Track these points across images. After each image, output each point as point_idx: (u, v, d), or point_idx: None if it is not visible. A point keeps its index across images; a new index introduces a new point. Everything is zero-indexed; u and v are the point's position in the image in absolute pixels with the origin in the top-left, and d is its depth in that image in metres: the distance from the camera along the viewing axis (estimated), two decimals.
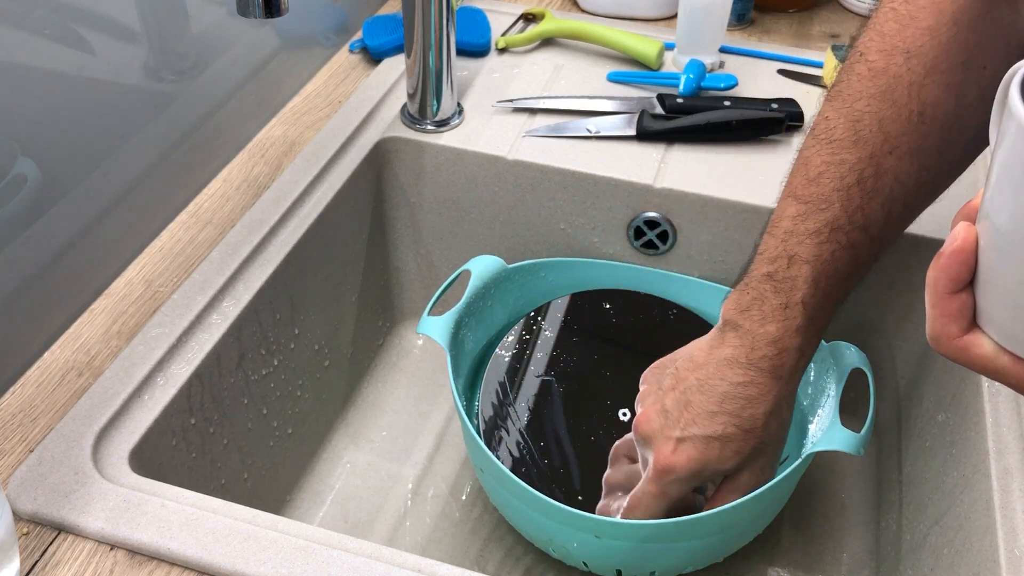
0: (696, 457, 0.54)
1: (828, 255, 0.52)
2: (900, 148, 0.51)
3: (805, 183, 0.53)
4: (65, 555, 0.48)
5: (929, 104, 0.50)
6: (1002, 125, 0.32)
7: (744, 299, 0.55)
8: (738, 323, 0.54)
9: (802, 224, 0.53)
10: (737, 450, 0.54)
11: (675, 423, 0.54)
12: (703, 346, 0.56)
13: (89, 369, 0.58)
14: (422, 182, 0.79)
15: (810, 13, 0.98)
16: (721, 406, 0.53)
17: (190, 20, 0.68)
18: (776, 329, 0.53)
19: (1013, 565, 0.48)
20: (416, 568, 0.47)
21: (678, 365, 0.57)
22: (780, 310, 0.53)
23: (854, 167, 0.52)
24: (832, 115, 0.53)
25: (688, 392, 0.55)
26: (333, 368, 0.77)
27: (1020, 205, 0.31)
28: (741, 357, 0.54)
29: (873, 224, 0.52)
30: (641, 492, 0.56)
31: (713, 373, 0.54)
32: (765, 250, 0.55)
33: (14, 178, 0.55)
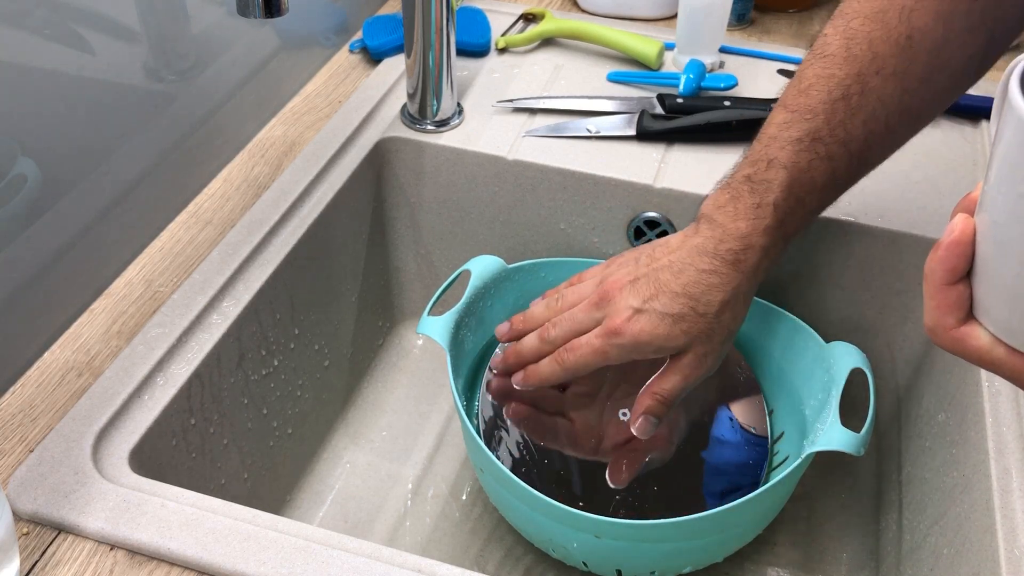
0: (647, 329, 0.57)
1: (805, 163, 0.55)
2: (886, 69, 0.54)
3: (796, 94, 0.57)
4: (65, 555, 0.48)
5: (918, 29, 0.53)
6: (1002, 118, 0.32)
7: (722, 197, 0.58)
8: (713, 217, 0.58)
9: (786, 131, 0.56)
10: (686, 330, 0.57)
11: (639, 295, 0.58)
12: (679, 235, 0.60)
13: (89, 369, 0.58)
14: (422, 182, 0.79)
15: (810, 13, 0.98)
16: (684, 288, 0.57)
17: (190, 20, 0.68)
18: (746, 226, 0.56)
19: (1013, 565, 0.48)
20: (416, 568, 0.47)
21: (655, 247, 0.60)
22: (752, 209, 0.56)
23: (842, 82, 0.54)
24: (830, 32, 0.56)
25: (659, 271, 0.58)
26: (333, 368, 0.77)
27: (1018, 198, 0.31)
28: (710, 247, 0.57)
29: (853, 140, 0.55)
30: (585, 341, 0.59)
31: (683, 258, 0.58)
32: (750, 154, 0.58)
33: (14, 178, 0.55)
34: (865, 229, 0.68)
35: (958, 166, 0.73)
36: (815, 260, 0.71)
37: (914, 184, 0.71)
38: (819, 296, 0.73)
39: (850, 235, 0.69)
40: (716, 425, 0.68)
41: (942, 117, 0.78)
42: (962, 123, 0.78)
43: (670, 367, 0.59)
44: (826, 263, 0.71)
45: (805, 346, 0.67)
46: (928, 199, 0.70)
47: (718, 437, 0.67)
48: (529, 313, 0.65)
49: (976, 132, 0.77)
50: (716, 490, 0.64)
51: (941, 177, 0.72)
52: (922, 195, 0.70)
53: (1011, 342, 0.34)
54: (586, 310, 0.60)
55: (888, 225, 0.68)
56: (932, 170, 0.73)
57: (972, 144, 0.76)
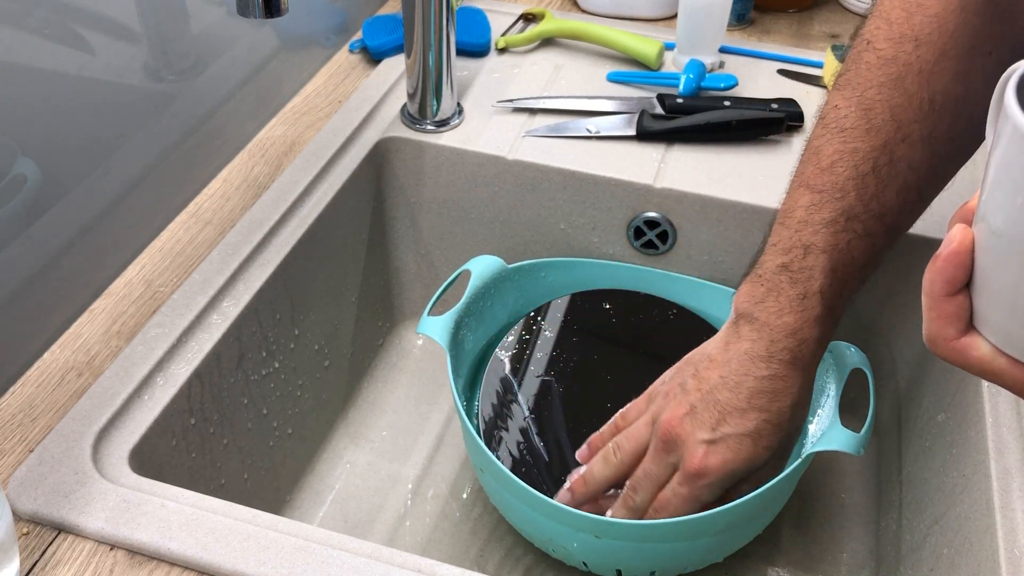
0: (731, 458, 0.53)
1: (844, 244, 0.52)
2: (912, 136, 0.51)
3: (818, 172, 0.53)
4: (65, 555, 0.48)
5: (939, 91, 0.50)
6: (998, 127, 0.32)
7: (758, 291, 0.54)
8: (754, 315, 0.54)
9: (817, 214, 0.52)
10: (768, 445, 0.54)
11: (704, 425, 0.53)
12: (719, 343, 0.55)
13: (89, 369, 0.58)
14: (422, 182, 0.79)
15: (810, 13, 0.98)
16: (750, 402, 0.53)
17: (190, 20, 0.68)
18: (794, 320, 0.52)
19: (1013, 565, 0.48)
20: (416, 568, 0.47)
21: (698, 367, 0.56)
22: (798, 301, 0.52)
23: (868, 155, 0.51)
24: (842, 104, 0.53)
25: (714, 391, 0.54)
26: (333, 368, 0.77)
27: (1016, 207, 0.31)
28: (762, 350, 0.53)
29: (888, 212, 0.52)
30: (672, 494, 0.55)
31: (736, 369, 0.53)
32: (778, 241, 0.54)
33: (14, 178, 0.55)
34: None
35: None
36: None
37: None
38: None
39: None
40: None
41: None
42: None
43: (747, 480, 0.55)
44: None
45: None
46: None
47: None
48: (590, 474, 0.59)
49: None
50: None
51: None
52: None
53: (1012, 352, 0.34)
54: (656, 460, 0.56)
55: None
56: None
57: None
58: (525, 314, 0.73)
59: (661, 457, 0.56)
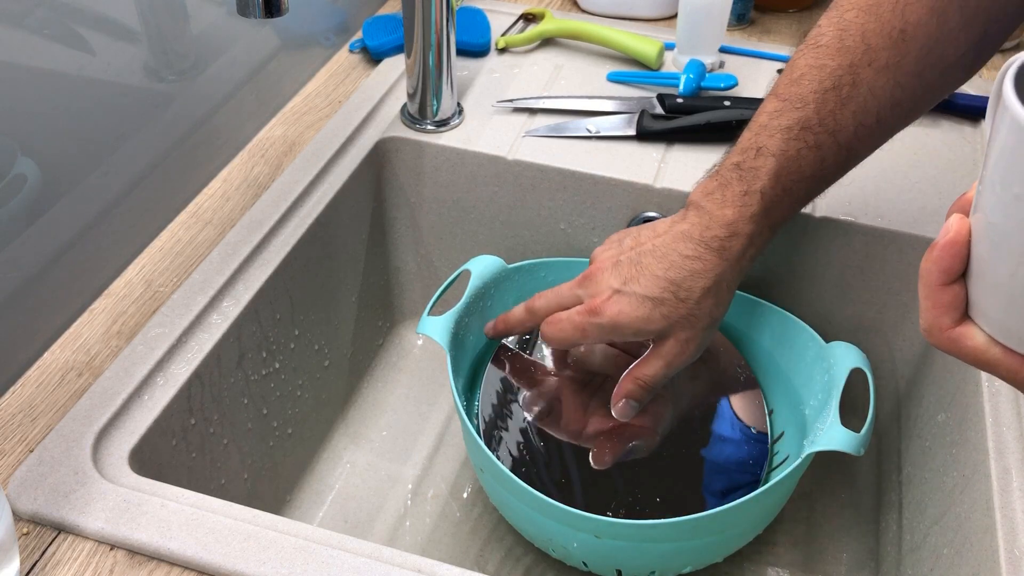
0: (625, 311, 0.58)
1: (794, 152, 0.56)
2: (878, 61, 0.54)
3: (787, 83, 0.57)
4: (65, 555, 0.48)
5: (911, 23, 0.53)
6: (996, 119, 0.32)
7: (711, 184, 0.58)
8: (700, 204, 0.58)
9: (776, 120, 0.56)
10: (666, 314, 0.57)
11: (620, 276, 0.58)
12: (666, 222, 0.60)
13: (89, 369, 0.58)
14: (422, 182, 0.79)
15: (810, 13, 0.98)
16: (666, 273, 0.57)
17: (190, 20, 0.68)
18: (732, 213, 0.56)
19: (1013, 565, 0.48)
20: (416, 568, 0.47)
21: (642, 231, 0.61)
22: (739, 196, 0.57)
23: (833, 72, 0.55)
24: (824, 23, 0.56)
25: (642, 254, 0.58)
26: (333, 368, 0.77)
27: (1013, 199, 0.31)
28: (695, 233, 0.57)
29: (842, 130, 0.55)
30: (565, 315, 0.60)
31: (668, 243, 0.58)
32: (740, 142, 0.58)
33: (14, 178, 0.55)
34: (865, 229, 0.68)
35: (958, 166, 0.73)
36: (815, 260, 0.71)
37: (914, 184, 0.71)
38: (819, 296, 0.73)
39: (850, 235, 0.69)
40: (716, 423, 0.68)
41: (942, 117, 0.78)
42: (962, 123, 0.78)
43: (652, 352, 0.60)
44: (826, 263, 0.71)
45: (805, 346, 0.67)
46: (928, 199, 0.70)
47: (719, 435, 0.67)
48: (508, 314, 0.67)
49: (975, 132, 0.77)
50: (716, 489, 0.64)
51: (940, 177, 0.72)
52: (922, 195, 0.70)
53: (1007, 342, 0.34)
54: (570, 287, 0.62)
55: (888, 225, 0.68)
56: (932, 170, 0.73)
57: (972, 144, 0.76)
58: None
59: (574, 286, 0.61)
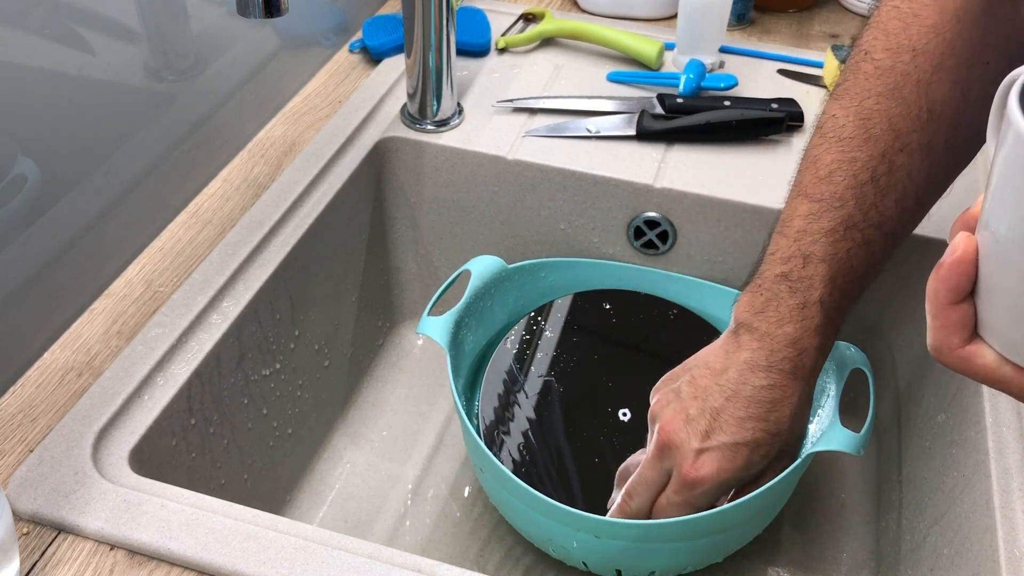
0: (725, 467, 0.53)
1: (844, 253, 0.52)
2: (911, 145, 0.51)
3: (816, 181, 0.53)
4: (65, 555, 0.48)
5: (937, 101, 0.51)
6: (1000, 134, 0.31)
7: (758, 301, 0.54)
8: (754, 325, 0.53)
9: (816, 223, 0.52)
10: (765, 455, 0.54)
11: (698, 432, 0.53)
12: (718, 351, 0.55)
13: (89, 369, 0.58)
14: (422, 182, 0.79)
15: (810, 13, 0.98)
16: (747, 411, 0.53)
17: (190, 20, 0.68)
18: (794, 330, 0.52)
19: (1013, 565, 0.48)
20: (416, 568, 0.47)
21: (694, 373, 0.56)
22: (798, 310, 0.52)
23: (866, 164, 0.52)
24: (840, 113, 0.53)
25: (711, 399, 0.54)
26: (333, 368, 0.77)
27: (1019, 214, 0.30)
28: (761, 360, 0.53)
29: (887, 221, 0.52)
30: (667, 501, 0.55)
31: (734, 378, 0.53)
32: (777, 250, 0.54)
33: (14, 178, 0.55)
34: None
35: None
36: None
37: None
38: None
39: None
40: None
41: None
42: None
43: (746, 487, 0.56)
44: None
45: None
46: None
47: None
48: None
49: None
50: None
51: None
52: None
53: (1018, 360, 0.33)
54: (652, 466, 0.56)
55: None
56: None
57: None
58: (525, 314, 0.73)
59: (656, 463, 0.56)
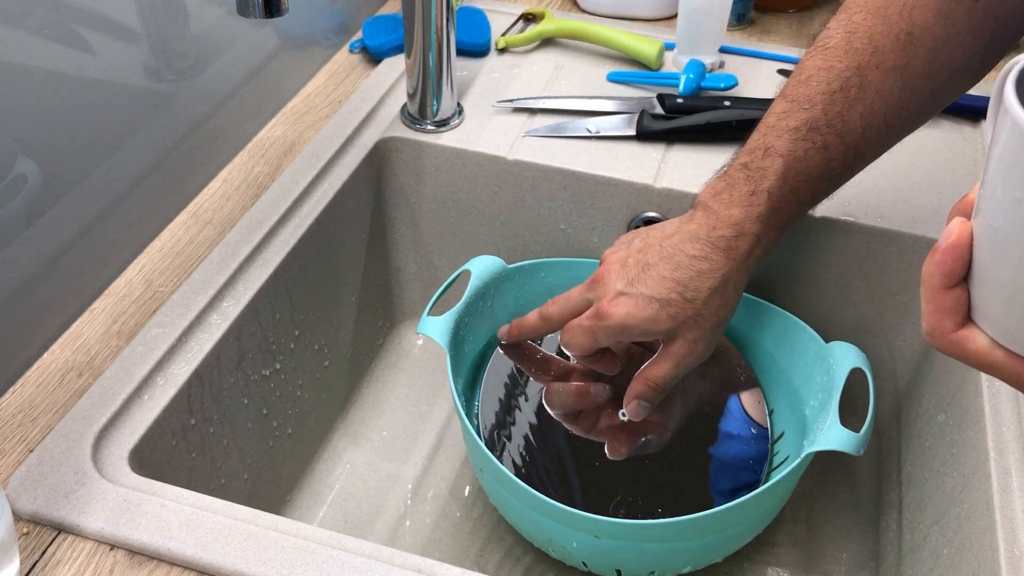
0: (631, 312, 0.57)
1: (802, 152, 0.56)
2: (886, 63, 0.54)
3: (796, 84, 0.57)
4: (65, 555, 0.48)
5: (919, 25, 0.53)
6: (997, 122, 0.32)
7: (719, 184, 0.58)
8: (708, 204, 0.58)
9: (784, 120, 0.56)
10: (672, 315, 0.57)
11: (626, 277, 0.58)
12: (674, 222, 0.60)
13: (89, 369, 0.58)
14: (422, 182, 0.79)
15: (810, 13, 0.98)
16: (673, 273, 0.57)
17: (190, 20, 0.68)
18: (739, 213, 0.57)
19: (1013, 565, 0.48)
20: (416, 568, 0.47)
21: (649, 232, 0.61)
22: (747, 196, 0.57)
23: (841, 74, 0.55)
24: (833, 25, 0.57)
25: (649, 255, 0.59)
26: (333, 368, 0.77)
27: (1014, 202, 0.31)
28: (702, 233, 0.57)
29: (850, 132, 0.55)
30: (576, 323, 0.61)
31: (675, 243, 0.58)
32: (748, 142, 0.58)
33: (14, 178, 0.55)
34: (865, 229, 0.68)
35: (958, 166, 0.73)
36: (815, 260, 0.71)
37: (914, 184, 0.71)
38: (819, 296, 0.73)
39: (850, 235, 0.69)
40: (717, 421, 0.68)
41: (942, 117, 0.78)
42: (962, 123, 0.78)
43: (661, 354, 0.60)
44: (826, 263, 0.71)
45: (805, 346, 0.67)
46: (928, 199, 0.70)
47: (721, 433, 0.67)
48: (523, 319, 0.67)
49: (976, 132, 0.77)
50: (718, 487, 0.64)
51: (941, 177, 0.72)
52: (922, 195, 0.70)
53: (1009, 345, 0.34)
54: (580, 291, 0.62)
55: (888, 225, 0.68)
56: (932, 170, 0.72)
57: (972, 144, 0.76)
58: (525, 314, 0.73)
59: (583, 291, 0.62)
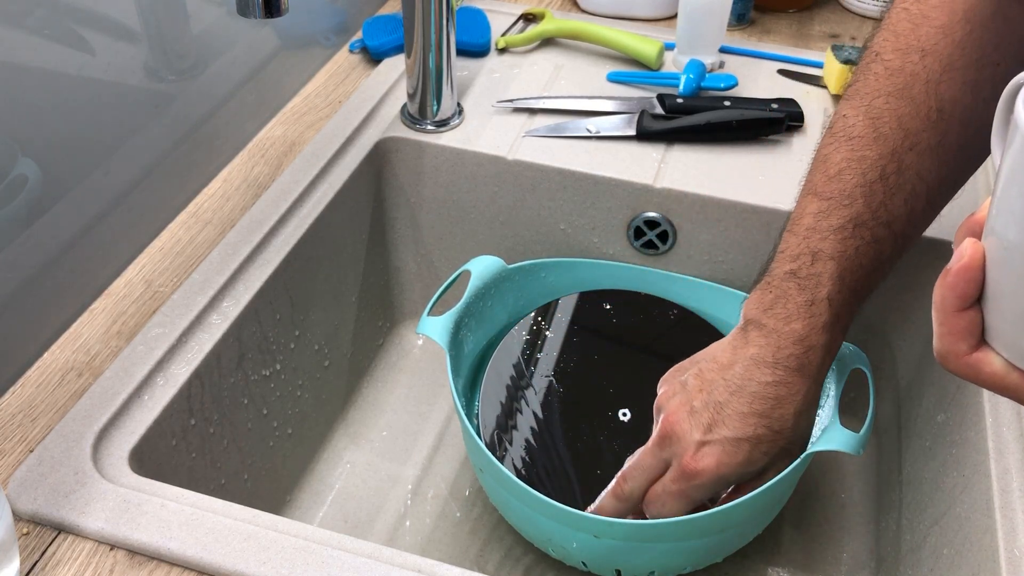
0: (725, 461, 0.53)
1: (852, 251, 0.52)
2: (920, 144, 0.51)
3: (826, 180, 0.53)
4: (65, 555, 0.48)
5: (947, 101, 0.51)
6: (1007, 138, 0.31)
7: (767, 298, 0.54)
8: (762, 322, 0.54)
9: (824, 221, 0.53)
10: (766, 451, 0.53)
11: (701, 425, 0.53)
12: (726, 347, 0.55)
13: (89, 369, 0.58)
14: (422, 182, 0.79)
15: (810, 13, 0.98)
16: (751, 407, 0.53)
17: (190, 20, 0.68)
18: (802, 327, 0.52)
19: (1013, 565, 0.48)
20: (416, 568, 0.47)
21: (701, 367, 0.56)
22: (805, 307, 0.52)
23: (876, 163, 0.52)
24: (851, 113, 0.53)
25: (715, 393, 0.54)
26: (333, 368, 0.77)
27: None
28: (768, 356, 0.53)
29: (896, 220, 0.53)
30: (662, 489, 0.55)
31: (740, 373, 0.53)
32: (786, 248, 0.54)
33: (15, 179, 0.55)
34: None
35: None
36: None
37: None
38: None
39: None
40: None
41: None
42: None
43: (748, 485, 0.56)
44: None
45: None
46: None
47: None
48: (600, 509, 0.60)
49: None
50: None
51: None
52: None
53: None
54: (652, 453, 0.56)
55: None
56: None
57: None
58: (525, 314, 0.73)
59: (656, 451, 0.56)
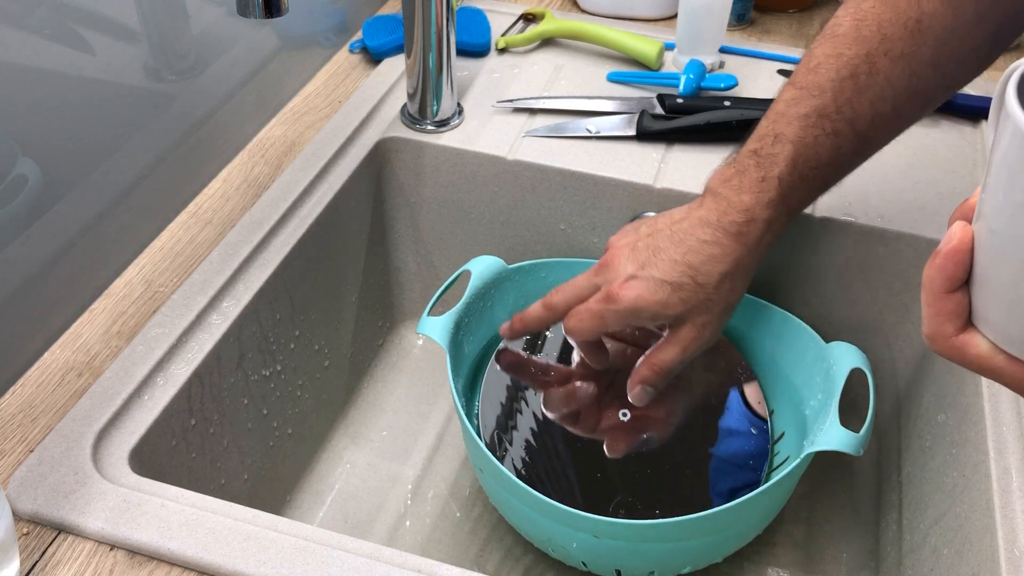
0: (644, 296, 0.58)
1: (811, 139, 0.56)
2: (894, 51, 0.55)
3: (805, 72, 0.57)
4: (65, 555, 0.48)
5: (927, 14, 0.54)
6: (998, 127, 0.32)
7: (728, 171, 0.59)
8: (718, 191, 0.59)
9: (793, 108, 0.57)
10: (684, 299, 0.58)
11: (637, 261, 0.59)
12: (683, 208, 0.61)
13: (89, 369, 0.58)
14: (422, 182, 0.79)
15: (810, 13, 0.98)
16: (684, 257, 0.57)
17: (190, 20, 0.68)
18: (750, 199, 0.57)
19: (1013, 565, 0.48)
20: (416, 568, 0.47)
21: (657, 218, 0.61)
22: (757, 183, 0.57)
23: (850, 61, 0.55)
24: (841, 13, 0.58)
25: (659, 239, 0.59)
26: (333, 368, 0.77)
27: (1015, 206, 0.31)
28: (712, 218, 0.58)
29: (859, 118, 0.56)
30: (584, 307, 0.60)
31: (685, 228, 0.58)
32: (757, 129, 0.59)
33: (15, 179, 0.55)
34: (865, 229, 0.68)
35: (958, 166, 0.73)
36: (815, 260, 0.71)
37: (914, 184, 0.71)
38: (819, 296, 0.73)
39: (850, 235, 0.69)
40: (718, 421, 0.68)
41: (942, 117, 0.78)
42: (962, 123, 0.78)
43: (668, 338, 0.60)
44: (826, 263, 0.71)
45: (805, 346, 0.67)
46: (928, 199, 0.70)
47: (721, 431, 0.67)
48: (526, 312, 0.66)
49: (976, 132, 0.77)
50: (718, 486, 0.64)
51: (941, 177, 0.72)
52: (922, 195, 0.70)
53: (1010, 349, 0.34)
54: (587, 276, 0.62)
55: (888, 225, 0.68)
56: (932, 170, 0.73)
57: (972, 144, 0.76)
58: None
59: (591, 276, 0.61)
